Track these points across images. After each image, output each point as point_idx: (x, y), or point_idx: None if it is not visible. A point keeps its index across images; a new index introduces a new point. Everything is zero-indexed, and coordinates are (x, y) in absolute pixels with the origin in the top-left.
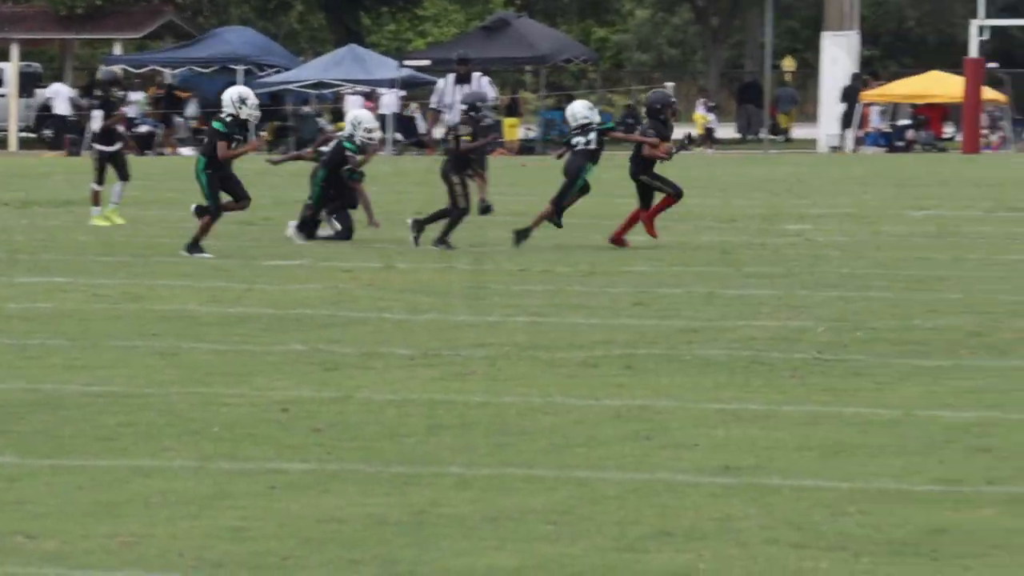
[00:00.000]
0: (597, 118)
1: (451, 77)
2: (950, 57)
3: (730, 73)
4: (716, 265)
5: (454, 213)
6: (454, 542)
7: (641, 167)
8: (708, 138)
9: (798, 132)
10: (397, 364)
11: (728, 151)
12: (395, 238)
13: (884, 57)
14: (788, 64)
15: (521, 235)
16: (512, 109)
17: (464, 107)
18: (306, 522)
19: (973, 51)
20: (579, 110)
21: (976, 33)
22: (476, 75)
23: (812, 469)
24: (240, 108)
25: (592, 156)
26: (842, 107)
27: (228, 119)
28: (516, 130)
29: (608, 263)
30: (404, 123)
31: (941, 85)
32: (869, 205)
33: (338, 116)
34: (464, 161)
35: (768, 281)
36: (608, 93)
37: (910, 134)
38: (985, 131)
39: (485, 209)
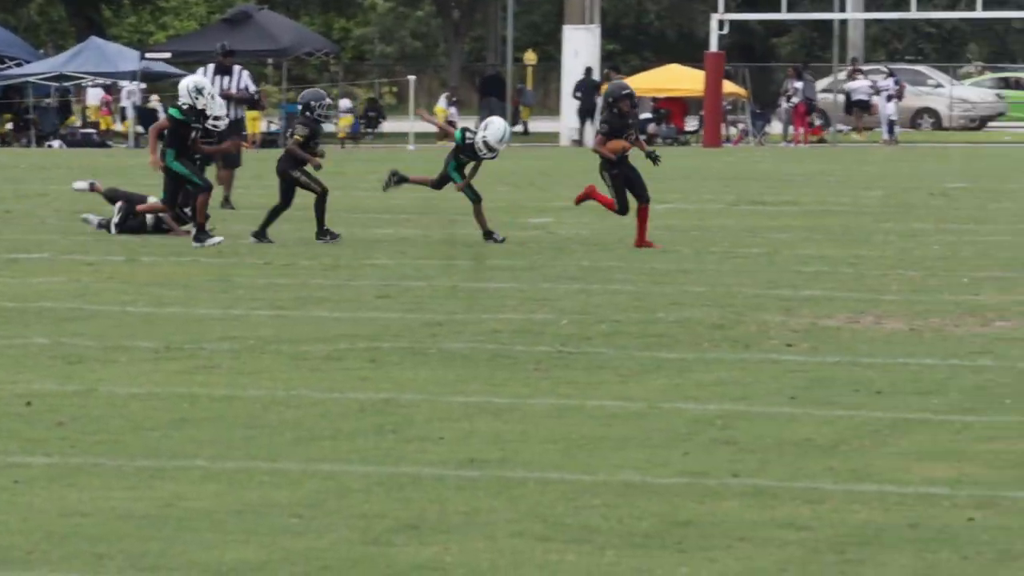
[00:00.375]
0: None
1: (211, 67)
2: (690, 51)
3: (472, 66)
4: (459, 258)
5: (319, 198)
6: (200, 535)
7: (604, 164)
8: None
9: (542, 126)
10: (141, 358)
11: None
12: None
13: (625, 51)
14: (529, 58)
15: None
16: (254, 102)
17: (300, 106)
18: (50, 516)
19: (713, 45)
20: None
21: (716, 27)
22: (237, 68)
23: (557, 462)
24: (197, 98)
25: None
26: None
27: (185, 108)
28: (258, 123)
29: (351, 256)
30: (145, 115)
31: (682, 79)
32: None
33: (66, 110)
34: (299, 158)
35: (511, 274)
36: (350, 86)
37: (652, 128)
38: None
39: (225, 202)
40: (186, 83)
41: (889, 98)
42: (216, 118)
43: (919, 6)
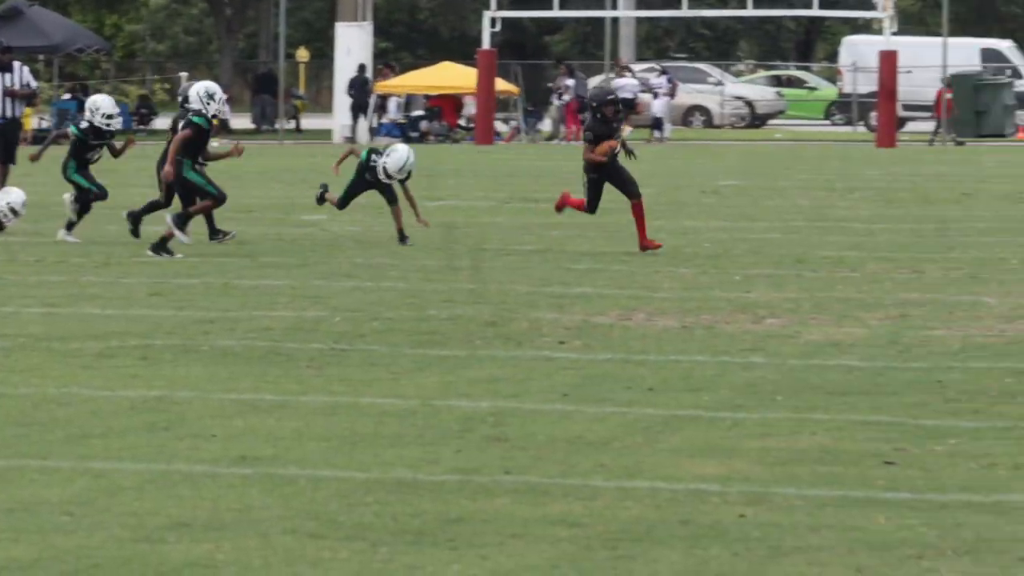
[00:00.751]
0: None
1: None
2: (463, 48)
3: (245, 63)
4: (232, 255)
5: (156, 201)
6: None
7: (585, 166)
8: (223, 128)
9: (314, 123)
10: None
11: (243, 142)
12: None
13: (398, 48)
14: (302, 55)
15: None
16: (33, 98)
17: (180, 100)
18: None
19: (486, 42)
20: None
21: (488, 24)
22: (17, 64)
23: (329, 459)
24: (208, 104)
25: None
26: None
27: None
28: (30, 120)
29: (124, 254)
30: None
31: (454, 76)
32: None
33: None
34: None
35: (284, 271)
36: (121, 83)
37: (424, 125)
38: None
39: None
40: (196, 89)
41: (655, 95)
42: (109, 117)
43: (691, 4)
